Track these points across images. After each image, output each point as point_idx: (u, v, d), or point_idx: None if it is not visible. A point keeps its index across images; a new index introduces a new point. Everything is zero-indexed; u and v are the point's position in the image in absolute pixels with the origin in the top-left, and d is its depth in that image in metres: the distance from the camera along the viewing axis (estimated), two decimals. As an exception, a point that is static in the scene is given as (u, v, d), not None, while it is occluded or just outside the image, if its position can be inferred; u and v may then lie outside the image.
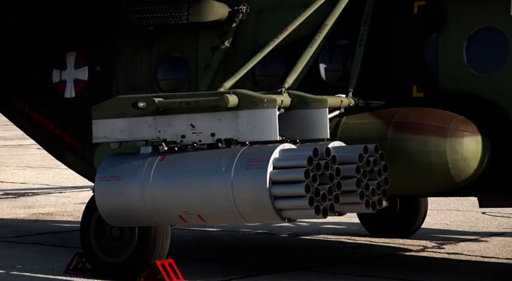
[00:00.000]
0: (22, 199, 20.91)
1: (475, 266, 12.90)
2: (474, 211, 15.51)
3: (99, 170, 11.24)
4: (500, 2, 10.99)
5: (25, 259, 13.03)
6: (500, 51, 11.00)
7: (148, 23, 13.00)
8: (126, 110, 11.07)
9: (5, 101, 15.07)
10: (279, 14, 12.03)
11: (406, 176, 10.76)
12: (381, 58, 11.64)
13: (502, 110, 10.89)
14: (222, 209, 10.34)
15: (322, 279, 11.66)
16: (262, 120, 10.48)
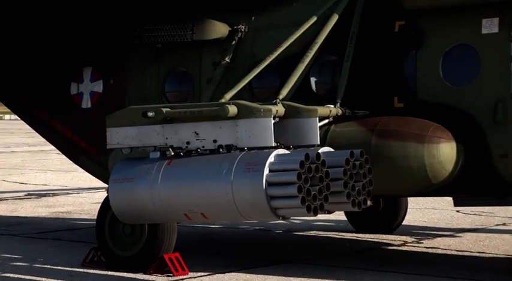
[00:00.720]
0: (43, 199, 20.89)
1: (451, 259, 12.84)
2: (449, 209, 15.47)
3: (113, 173, 11.16)
4: (473, 21, 10.94)
5: (46, 253, 12.93)
6: (473, 66, 10.93)
7: (157, 41, 12.96)
8: (137, 119, 11.00)
9: (29, 112, 15.03)
10: (274, 32, 11.96)
11: (389, 178, 10.67)
12: (366, 72, 11.56)
13: (474, 119, 10.81)
14: (223, 208, 10.26)
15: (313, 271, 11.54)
16: (259, 128, 10.41)
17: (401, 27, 11.50)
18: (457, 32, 11.10)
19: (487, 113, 10.73)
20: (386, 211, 14.85)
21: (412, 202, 15.45)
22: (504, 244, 13.90)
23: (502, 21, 10.78)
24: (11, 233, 15.20)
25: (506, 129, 10.63)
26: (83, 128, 13.83)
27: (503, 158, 10.68)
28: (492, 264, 12.44)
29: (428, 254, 13.28)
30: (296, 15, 11.88)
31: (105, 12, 13.48)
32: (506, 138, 10.65)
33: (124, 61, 13.55)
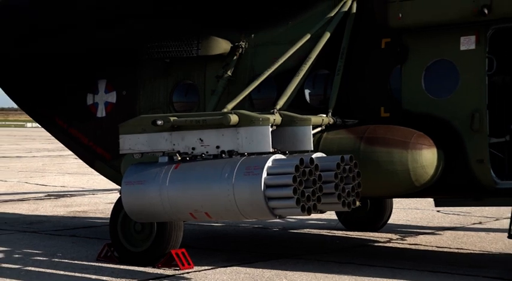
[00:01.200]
0: (62, 199, 20.87)
1: (432, 255, 12.85)
2: (430, 209, 15.48)
3: (125, 176, 11.18)
4: (452, 39, 10.96)
5: (64, 249, 12.94)
6: (452, 79, 10.94)
7: (165, 56, 12.98)
8: (147, 127, 11.02)
9: (49, 120, 15.05)
10: (271, 48, 11.97)
11: (376, 181, 10.68)
12: (355, 85, 11.56)
13: (453, 127, 10.83)
14: (225, 208, 10.27)
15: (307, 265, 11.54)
16: (258, 135, 10.42)
17: (387, 44, 11.52)
18: (438, 48, 11.12)
19: (464, 122, 10.74)
20: (373, 210, 14.87)
21: (396, 203, 15.45)
22: (480, 241, 13.91)
23: (479, 39, 10.79)
24: (32, 230, 15.21)
25: (482, 136, 10.65)
26: (98, 135, 13.85)
27: (479, 163, 10.68)
28: (469, 259, 12.43)
29: (411, 250, 13.28)
30: (291, 33, 11.90)
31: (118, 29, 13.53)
32: (482, 145, 10.66)
33: (135, 74, 13.56)
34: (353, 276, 10.80)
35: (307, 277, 10.74)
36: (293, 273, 10.98)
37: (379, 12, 11.41)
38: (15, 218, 17.02)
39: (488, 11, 10.58)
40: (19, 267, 11.45)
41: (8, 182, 25.78)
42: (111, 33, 13.59)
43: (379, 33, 11.54)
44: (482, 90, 10.71)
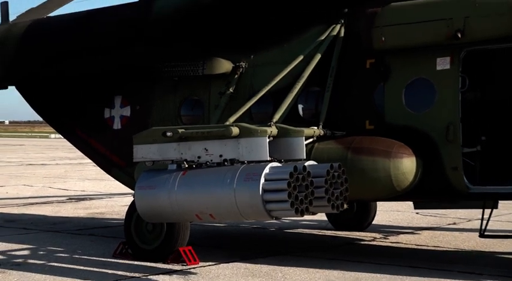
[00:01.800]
0: (82, 202, 20.87)
1: (411, 252, 12.85)
2: (410, 211, 15.46)
3: (138, 181, 11.17)
4: (429, 60, 10.96)
5: (84, 246, 12.93)
6: (429, 95, 10.93)
7: (174, 75, 12.97)
8: (158, 138, 11.01)
9: (70, 132, 15.05)
10: (268, 68, 11.96)
11: (361, 186, 10.65)
12: (343, 100, 11.54)
13: (430, 138, 10.82)
14: (227, 210, 10.27)
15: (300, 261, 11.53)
16: (257, 145, 10.42)
17: (372, 64, 11.51)
18: (417, 68, 11.12)
19: (440, 134, 10.73)
20: (359, 212, 14.82)
21: (380, 205, 15.45)
22: (454, 240, 13.90)
23: (453, 60, 10.80)
24: (55, 230, 15.20)
25: (456, 146, 10.64)
26: (114, 145, 13.83)
27: (454, 170, 10.68)
28: (445, 256, 12.43)
29: (393, 248, 13.29)
30: (286, 55, 11.88)
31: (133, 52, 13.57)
32: (456, 154, 10.65)
33: (147, 91, 13.54)
34: (341, 271, 10.79)
35: (301, 272, 10.72)
36: (288, 268, 10.96)
37: (365, 36, 11.44)
38: (40, 219, 17.01)
39: (461, 35, 10.61)
40: (44, 263, 11.44)
41: (34, 187, 25.75)
42: (127, 55, 13.62)
43: (364, 55, 11.53)
44: (456, 105, 10.72)
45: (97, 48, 14.00)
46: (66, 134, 15.31)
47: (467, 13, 10.65)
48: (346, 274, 10.62)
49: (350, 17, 11.78)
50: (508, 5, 10.48)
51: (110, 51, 13.83)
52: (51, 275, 10.42)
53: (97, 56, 13.98)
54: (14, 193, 23.43)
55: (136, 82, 13.66)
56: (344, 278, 10.39)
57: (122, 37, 13.78)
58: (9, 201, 21.00)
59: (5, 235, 14.21)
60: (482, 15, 10.58)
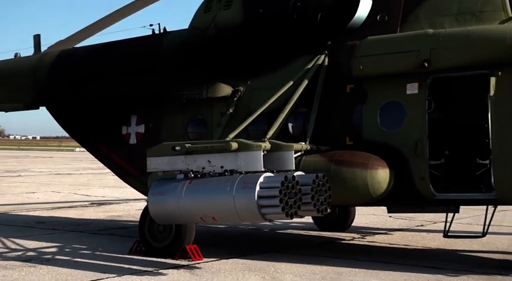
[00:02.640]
0: (102, 206, 20.81)
1: (385, 250, 12.88)
2: (384, 215, 15.44)
3: (151, 189, 11.14)
4: (400, 85, 10.96)
5: (103, 244, 12.88)
6: (400, 116, 10.94)
7: (182, 97, 12.96)
8: (168, 152, 11.00)
9: (93, 146, 15.02)
10: (263, 92, 11.93)
11: (342, 193, 10.63)
12: (326, 120, 11.52)
13: (401, 152, 10.81)
14: (227, 213, 10.29)
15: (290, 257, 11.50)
16: (253, 158, 10.44)
17: (351, 89, 11.49)
18: (390, 92, 11.11)
19: (410, 149, 10.71)
20: (340, 215, 14.79)
21: (358, 210, 15.42)
22: (422, 239, 13.89)
23: (421, 86, 10.81)
24: (79, 230, 15.15)
25: (423, 159, 10.63)
26: (130, 158, 13.77)
27: (422, 179, 10.67)
28: (414, 253, 12.42)
29: (369, 246, 13.27)
30: (278, 80, 11.85)
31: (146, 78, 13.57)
32: (423, 166, 10.64)
33: (159, 111, 13.50)
34: (325, 266, 10.77)
35: (290, 267, 10.69)
36: (279, 263, 10.92)
37: (345, 64, 11.45)
38: (66, 221, 16.95)
39: (427, 64, 10.65)
40: (69, 258, 11.41)
41: (61, 193, 25.71)
42: (141, 81, 13.62)
43: (345, 81, 11.52)
44: (423, 124, 10.72)
45: (116, 75, 14.02)
46: (89, 147, 15.27)
47: (432, 46, 10.70)
48: (329, 268, 10.59)
49: (333, 49, 11.79)
50: (466, 39, 10.54)
51: (127, 77, 13.84)
52: (75, 269, 10.38)
53: (116, 82, 13.99)
54: (43, 199, 23.37)
55: (150, 104, 13.62)
56: (327, 271, 10.35)
57: (137, 65, 13.82)
58: (40, 205, 20.95)
59: (35, 235, 14.16)
60: (445, 47, 10.63)
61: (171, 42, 13.71)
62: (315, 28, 12.04)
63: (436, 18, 11.15)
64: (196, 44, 13.22)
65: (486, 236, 11.01)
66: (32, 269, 10.43)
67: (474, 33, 10.57)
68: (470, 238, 11.41)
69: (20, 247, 12.56)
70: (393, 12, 11.53)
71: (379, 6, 11.71)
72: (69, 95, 14.90)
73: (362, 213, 16.20)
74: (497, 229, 13.84)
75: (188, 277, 10.00)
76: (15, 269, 10.39)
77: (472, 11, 10.97)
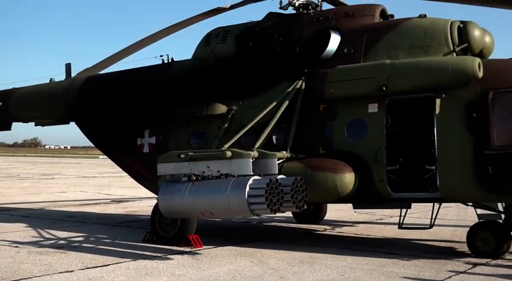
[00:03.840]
0: (121, 203, 20.70)
1: (350, 239, 12.82)
2: (351, 210, 15.41)
3: (161, 189, 11.09)
4: (363, 105, 10.99)
5: (122, 234, 12.80)
6: (364, 130, 10.95)
7: (186, 115, 12.92)
8: (175, 159, 11.00)
9: (113, 154, 14.93)
10: (252, 110, 11.88)
11: (316, 193, 10.62)
12: (303, 133, 11.50)
13: (364, 160, 10.80)
14: (223, 209, 10.27)
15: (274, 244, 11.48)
16: (244, 164, 10.44)
17: (324, 108, 11.48)
18: (355, 111, 11.11)
19: (371, 156, 10.73)
20: (315, 211, 14.78)
21: (329, 206, 15.44)
22: (381, 230, 13.90)
23: (380, 105, 10.85)
24: (101, 223, 15.03)
25: (382, 165, 10.65)
26: (143, 164, 13.66)
27: (381, 181, 10.69)
28: (374, 241, 12.42)
29: (338, 236, 13.25)
30: (264, 101, 11.80)
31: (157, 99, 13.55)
32: (382, 171, 10.65)
33: (167, 126, 13.43)
34: (302, 252, 10.78)
35: (274, 252, 10.69)
36: (265, 250, 10.91)
37: (319, 88, 11.45)
38: (91, 215, 16.83)
39: (385, 88, 10.71)
40: (93, 246, 11.35)
41: (87, 193, 25.54)
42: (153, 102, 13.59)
43: (318, 101, 11.51)
44: (382, 137, 10.74)
45: (132, 97, 13.99)
46: (110, 155, 15.17)
47: (389, 73, 10.75)
48: (305, 254, 10.60)
49: (309, 75, 11.78)
50: (416, 68, 10.59)
51: (141, 99, 13.81)
52: (98, 255, 10.32)
53: (132, 103, 13.95)
54: (73, 197, 23.23)
55: (160, 120, 13.57)
56: (304, 256, 10.34)
57: (150, 89, 13.80)
58: (69, 202, 20.80)
59: (66, 226, 14.06)
60: (399, 75, 10.68)
61: (177, 70, 13.70)
62: (294, 59, 12.08)
63: (392, 52, 11.21)
64: (198, 72, 13.22)
65: (433, 228, 11.03)
66: (63, 255, 10.36)
67: (422, 63, 10.63)
68: (420, 229, 11.41)
69: (53, 237, 12.47)
70: (357, 46, 11.57)
71: (346, 41, 11.75)
72: (94, 113, 14.85)
73: (332, 209, 16.20)
74: (442, 222, 13.88)
75: (190, 261, 9.95)
76: (49, 255, 10.31)
77: (421, 46, 11.04)
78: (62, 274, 8.79)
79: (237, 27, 13.09)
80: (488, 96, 10.07)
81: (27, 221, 15.10)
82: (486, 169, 9.95)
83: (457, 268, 9.57)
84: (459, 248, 11.29)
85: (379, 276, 8.85)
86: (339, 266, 9.56)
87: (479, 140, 10.02)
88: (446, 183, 10.31)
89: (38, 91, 16.23)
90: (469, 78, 10.20)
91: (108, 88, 14.67)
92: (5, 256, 10.17)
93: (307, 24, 12.29)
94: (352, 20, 11.94)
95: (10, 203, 19.97)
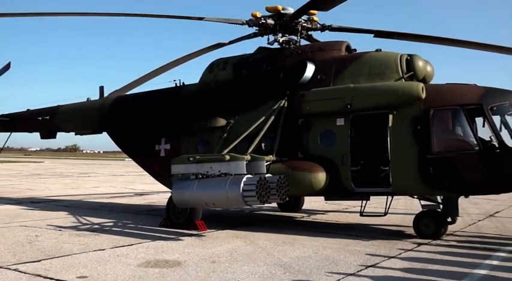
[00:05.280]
0: (143, 196, 20.58)
1: (322, 224, 12.75)
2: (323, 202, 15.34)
3: (174, 185, 11.05)
4: (333, 119, 11.01)
5: (143, 220, 12.71)
6: (333, 139, 10.96)
7: (194, 126, 12.90)
8: (185, 161, 10.95)
9: (137, 157, 14.81)
10: (245, 123, 11.87)
11: (296, 188, 10.62)
12: (286, 141, 11.50)
13: (333, 162, 10.81)
14: (223, 201, 10.22)
15: (263, 228, 11.44)
16: (239, 165, 10.40)
17: (302, 122, 11.49)
18: (326, 123, 11.13)
19: (339, 159, 10.75)
20: (295, 202, 14.77)
21: (306, 199, 15.43)
22: (346, 217, 13.85)
23: (345, 120, 10.88)
24: (127, 211, 14.94)
25: (347, 167, 10.65)
26: (160, 165, 13.62)
27: (346, 179, 10.71)
28: (341, 226, 12.37)
29: (313, 222, 13.19)
30: (255, 116, 11.80)
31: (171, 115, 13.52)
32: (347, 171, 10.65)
33: (179, 135, 13.41)
34: (284, 234, 10.74)
35: (263, 234, 10.66)
36: (255, 233, 10.89)
37: (298, 106, 11.48)
38: (118, 206, 16.72)
39: (350, 106, 10.75)
40: (120, 229, 11.26)
41: (116, 187, 25.41)
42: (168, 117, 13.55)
43: (298, 116, 11.52)
44: (347, 144, 10.77)
45: (151, 113, 13.95)
46: (134, 158, 15.10)
47: (353, 95, 10.80)
48: (287, 236, 10.57)
49: (290, 96, 11.80)
50: (373, 91, 10.64)
51: (159, 114, 13.77)
52: (124, 236, 10.27)
53: (151, 117, 13.91)
54: (104, 191, 23.10)
55: (173, 130, 13.54)
56: (286, 238, 10.33)
57: (165, 106, 13.77)
58: (101, 195, 20.69)
59: (98, 214, 13.96)
60: (361, 96, 10.74)
61: (187, 91, 13.69)
62: (278, 83, 12.11)
63: (355, 78, 11.27)
64: (203, 93, 13.22)
65: (387, 216, 11.03)
66: (97, 236, 10.29)
67: (379, 87, 10.70)
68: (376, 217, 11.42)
69: (88, 222, 12.38)
70: (328, 73, 11.62)
71: (319, 70, 11.81)
72: (122, 125, 14.80)
73: (308, 200, 16.21)
74: (394, 211, 13.87)
75: (197, 241, 9.91)
76: (86, 237, 10.26)
77: (377, 73, 11.11)
78: (95, 252, 8.73)
79: (234, 58, 13.12)
80: (430, 113, 10.16)
81: (68, 210, 15.02)
82: (428, 170, 10.01)
83: (406, 246, 9.60)
84: (407, 231, 11.31)
85: (345, 253, 8.86)
86: (313, 245, 9.55)
87: (423, 147, 10.08)
88: (397, 180, 10.35)
89: (78, 108, 16.19)
90: (414, 98, 10.28)
91: (133, 106, 14.63)
92: (51, 237, 10.11)
93: (289, 56, 12.34)
94: (324, 53, 12.01)
95: (55, 196, 19.85)
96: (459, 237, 10.67)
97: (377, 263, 8.09)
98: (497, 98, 10.03)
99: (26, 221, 12.34)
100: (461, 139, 10.07)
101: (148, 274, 7.20)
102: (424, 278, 7.16)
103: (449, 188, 10.00)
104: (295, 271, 7.47)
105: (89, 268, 7.52)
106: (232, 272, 7.34)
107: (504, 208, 16.39)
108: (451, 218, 10.91)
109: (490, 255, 8.82)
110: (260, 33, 12.84)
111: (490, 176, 9.64)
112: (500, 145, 9.59)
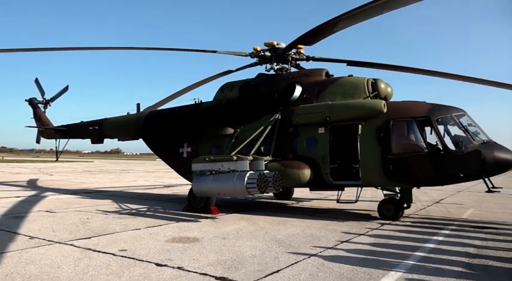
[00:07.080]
0: (170, 187, 20.47)
1: (307, 209, 12.62)
2: (307, 192, 15.39)
3: (194, 179, 10.91)
4: (316, 128, 10.99)
5: (170, 206, 12.59)
6: (315, 143, 10.94)
7: (209, 134, 12.87)
8: (202, 161, 10.87)
9: (165, 157, 14.69)
10: (248, 132, 11.89)
11: (287, 181, 10.58)
12: (280, 145, 11.47)
13: (316, 161, 10.79)
14: (231, 191, 10.11)
15: (264, 212, 11.36)
16: (244, 164, 10.31)
17: (292, 130, 11.45)
18: (310, 132, 11.11)
19: (321, 159, 10.74)
20: (287, 192, 14.69)
21: (296, 190, 15.35)
22: (327, 204, 13.73)
23: (326, 129, 10.87)
24: (157, 199, 14.80)
25: (327, 165, 10.67)
26: (184, 164, 13.56)
27: (326, 174, 10.69)
28: (322, 211, 12.25)
29: (300, 207, 13.07)
30: (256, 126, 11.79)
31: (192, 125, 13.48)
32: (326, 168, 10.69)
33: (198, 141, 13.38)
34: (278, 217, 10.67)
35: (262, 217, 10.56)
36: (257, 216, 10.80)
37: (289, 118, 11.46)
38: (151, 195, 16.59)
39: (329, 118, 10.73)
40: (152, 213, 11.16)
41: (149, 181, 25.24)
42: (190, 127, 13.51)
43: (289, 126, 11.50)
44: (326, 147, 10.77)
45: (177, 123, 13.91)
46: (163, 158, 15.04)
47: (331, 109, 10.80)
48: (281, 218, 10.50)
49: (283, 111, 11.79)
50: (347, 107, 10.63)
51: (182, 125, 13.74)
52: (155, 219, 10.20)
53: (177, 127, 13.87)
54: (140, 184, 22.96)
55: (193, 137, 13.51)
56: (280, 219, 10.25)
57: (187, 119, 13.74)
58: (138, 187, 20.55)
59: (135, 201, 13.86)
60: (337, 110, 10.73)
61: (204, 107, 13.65)
62: (274, 101, 12.10)
63: (332, 96, 11.28)
64: (216, 108, 13.20)
65: (357, 202, 11.02)
66: (134, 219, 10.22)
67: (351, 103, 10.70)
68: (349, 203, 11.39)
69: (127, 208, 12.29)
70: (311, 93, 11.63)
71: (305, 90, 11.81)
72: (154, 133, 14.72)
73: (297, 191, 16.14)
74: (362, 198, 13.83)
75: (211, 222, 9.85)
76: (125, 219, 10.18)
77: (350, 93, 11.12)
78: (133, 231, 8.68)
79: (240, 82, 13.12)
80: (390, 124, 10.19)
81: (112, 198, 14.93)
82: (389, 167, 10.02)
83: (372, 226, 9.56)
84: (373, 214, 11.26)
85: (325, 231, 8.81)
86: (301, 225, 9.49)
87: (384, 150, 10.10)
88: (365, 175, 10.34)
89: (120, 120, 16.15)
90: (378, 112, 10.29)
91: (162, 118, 14.58)
92: (98, 220, 10.06)
93: (282, 80, 12.34)
94: (309, 77, 12.02)
95: (102, 188, 19.75)
96: (413, 219, 10.63)
97: (350, 239, 8.07)
98: (442, 112, 10.08)
99: (80, 207, 12.31)
100: (414, 143, 10.09)
101: (174, 248, 7.17)
102: (386, 250, 7.15)
103: (405, 181, 10.03)
104: (287, 245, 7.45)
105: (128, 243, 7.49)
106: (239, 246, 7.31)
107: (447, 196, 16.35)
108: (406, 204, 10.90)
109: (437, 232, 8.81)
110: (260, 63, 12.86)
111: (436, 172, 9.69)
112: (443, 148, 9.65)
